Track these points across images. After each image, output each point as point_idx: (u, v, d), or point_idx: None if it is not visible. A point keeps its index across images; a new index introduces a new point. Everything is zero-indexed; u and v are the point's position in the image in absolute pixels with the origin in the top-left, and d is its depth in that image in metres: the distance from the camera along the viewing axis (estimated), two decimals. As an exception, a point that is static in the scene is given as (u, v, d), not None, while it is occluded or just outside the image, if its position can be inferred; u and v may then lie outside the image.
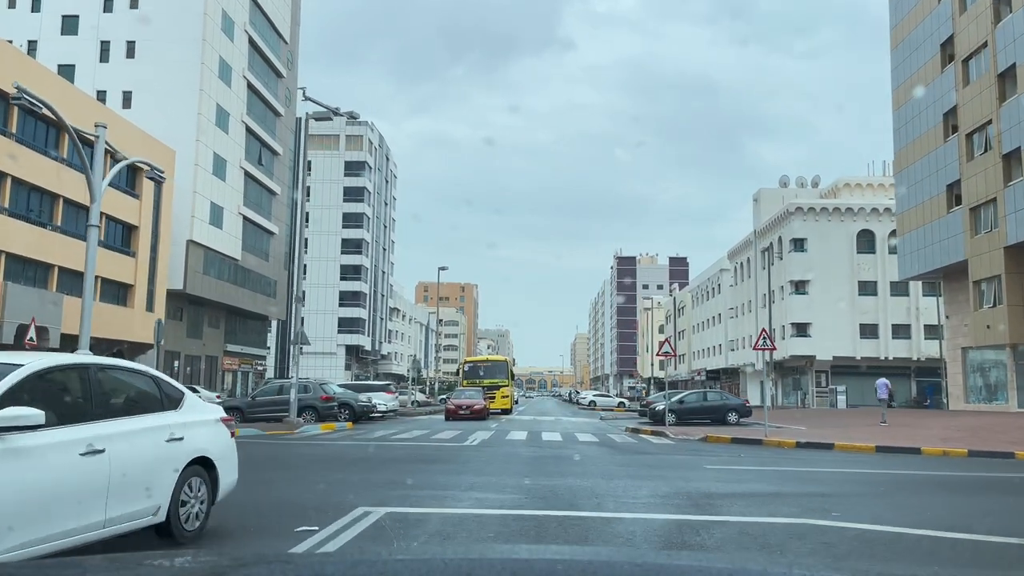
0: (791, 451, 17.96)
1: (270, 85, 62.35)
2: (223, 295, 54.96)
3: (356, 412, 29.08)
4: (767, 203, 67.02)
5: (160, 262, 45.25)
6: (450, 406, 32.04)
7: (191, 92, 49.90)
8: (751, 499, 9.58)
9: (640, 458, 15.20)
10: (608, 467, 12.98)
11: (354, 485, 10.04)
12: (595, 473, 11.79)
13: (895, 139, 42.73)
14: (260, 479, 10.20)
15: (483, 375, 39.76)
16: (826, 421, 30.93)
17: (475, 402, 31.74)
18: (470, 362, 44.34)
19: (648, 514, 8.08)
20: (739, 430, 24.56)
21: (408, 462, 13.42)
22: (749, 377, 71.85)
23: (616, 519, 7.77)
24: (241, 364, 61.84)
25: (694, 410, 30.44)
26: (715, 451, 17.44)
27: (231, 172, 54.85)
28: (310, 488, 9.90)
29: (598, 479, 10.96)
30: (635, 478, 11.08)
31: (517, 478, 10.95)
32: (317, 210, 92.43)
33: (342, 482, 10.50)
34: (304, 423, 23.99)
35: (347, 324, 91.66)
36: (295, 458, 14.82)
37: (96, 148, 21.54)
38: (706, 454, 16.49)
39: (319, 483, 10.38)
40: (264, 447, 16.97)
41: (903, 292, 57.90)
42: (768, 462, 14.77)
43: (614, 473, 11.86)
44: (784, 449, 18.38)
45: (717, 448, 18.38)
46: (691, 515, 7.94)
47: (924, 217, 39.13)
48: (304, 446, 17.53)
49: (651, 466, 13.60)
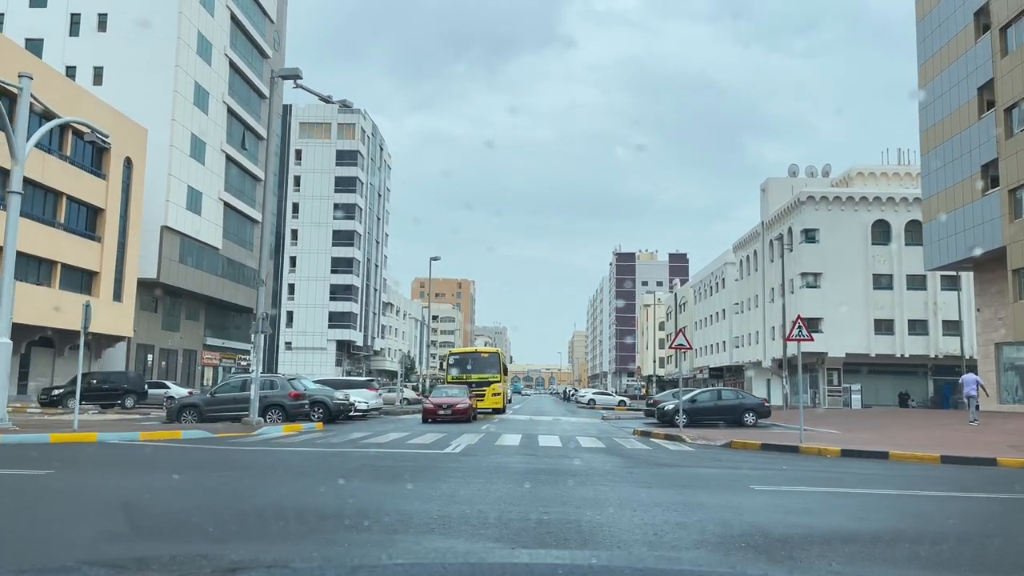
0: (837, 461, 14.94)
1: (255, 65, 59.18)
2: (202, 286, 51.84)
3: (331, 411, 26.03)
4: (775, 193, 63.92)
5: (130, 248, 42.15)
6: (428, 405, 27.49)
7: (167, 68, 46.78)
8: (844, 545, 6.49)
9: (662, 473, 12.13)
10: (625, 488, 9.90)
11: (257, 519, 6.95)
12: (610, 499, 8.71)
13: (921, 119, 39.62)
14: (132, 499, 7.14)
15: (471, 369, 34.98)
16: (854, 423, 27.91)
17: (458, 400, 27.39)
18: (457, 354, 38.51)
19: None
20: (763, 434, 21.53)
21: (365, 478, 10.36)
22: (755, 375, 68.82)
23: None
24: (223, 359, 58.72)
25: (707, 410, 27.46)
26: (748, 461, 14.40)
27: (211, 155, 51.69)
28: (170, 522, 6.81)
29: (615, 509, 7.90)
30: (666, 507, 7.99)
31: (503, 506, 7.88)
32: (307, 200, 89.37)
33: (251, 512, 7.42)
34: (266, 424, 20.93)
35: (338, 319, 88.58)
36: (222, 468, 11.78)
37: (19, 103, 18.42)
38: (740, 465, 13.44)
39: (205, 511, 7.30)
40: (198, 453, 13.93)
41: (920, 286, 54.88)
42: (823, 478, 11.73)
43: (635, 499, 8.78)
44: (828, 459, 15.35)
45: (748, 457, 15.33)
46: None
47: (955, 201, 36.06)
48: (248, 453, 14.48)
49: (680, 485, 10.55)
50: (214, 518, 7.03)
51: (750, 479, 11.36)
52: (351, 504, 8.05)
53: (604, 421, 31.87)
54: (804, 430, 17.88)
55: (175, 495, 8.82)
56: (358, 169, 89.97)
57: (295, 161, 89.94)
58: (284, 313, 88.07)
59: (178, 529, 6.58)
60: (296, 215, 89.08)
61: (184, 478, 10.33)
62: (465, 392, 28.62)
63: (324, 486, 9.57)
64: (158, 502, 8.02)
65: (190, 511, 7.47)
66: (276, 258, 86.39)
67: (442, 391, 29.40)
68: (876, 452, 15.64)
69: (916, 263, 55.15)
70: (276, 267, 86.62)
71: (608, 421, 31.80)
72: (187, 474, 10.81)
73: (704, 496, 9.27)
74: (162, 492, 8.91)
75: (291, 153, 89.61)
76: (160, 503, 7.97)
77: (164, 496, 8.59)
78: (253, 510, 7.53)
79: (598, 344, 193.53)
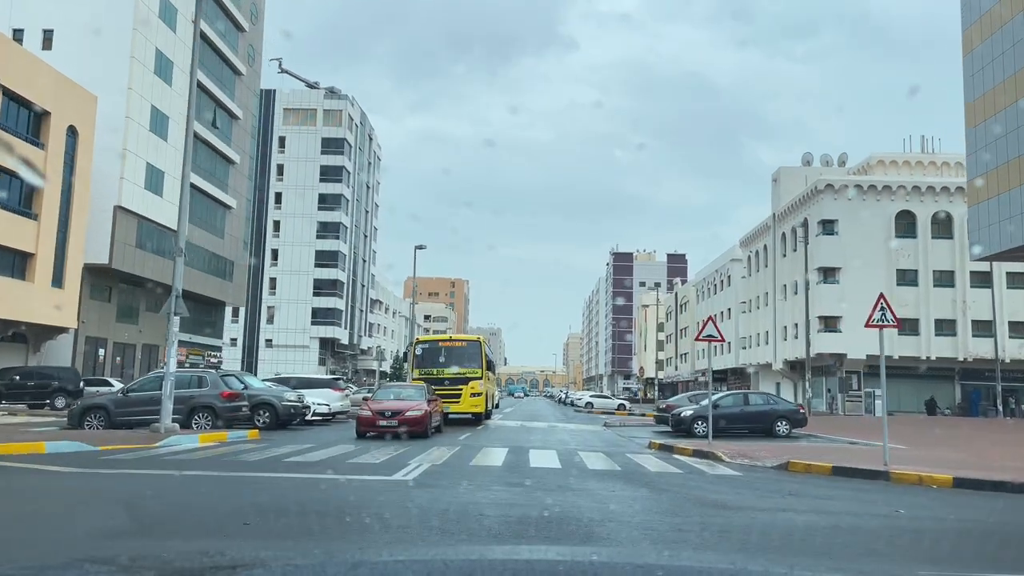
0: (951, 494, 10.45)
1: (228, 37, 54.54)
2: (165, 274, 47.01)
3: (280, 415, 21.48)
4: (788, 183, 59.54)
5: (74, 228, 37.48)
6: (364, 412, 18.67)
7: (123, 32, 42.13)
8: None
9: (729, 524, 7.48)
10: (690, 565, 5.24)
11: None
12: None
13: (966, 89, 35.19)
14: None
15: (444, 362, 26.37)
16: (910, 435, 23.37)
17: (409, 405, 18.51)
18: (425, 343, 28.89)
19: None
20: (814, 450, 17.03)
21: (217, 538, 5.80)
22: (763, 378, 64.42)
23: None
24: (190, 355, 53.97)
25: (732, 418, 22.97)
26: (833, 497, 9.90)
27: (176, 131, 47.03)
28: None
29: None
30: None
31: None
32: (291, 190, 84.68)
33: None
34: (191, 430, 16.34)
35: (322, 315, 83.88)
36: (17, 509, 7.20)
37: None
38: (830, 506, 8.93)
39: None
40: (37, 479, 9.37)
41: (948, 282, 50.54)
42: (1005, 537, 7.21)
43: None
44: (939, 490, 10.84)
45: (825, 488, 10.79)
46: None
47: (1009, 180, 31.63)
48: (108, 479, 9.90)
49: (775, 551, 5.94)
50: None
51: (877, 537, 6.81)
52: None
53: (607, 429, 27.30)
54: (884, 446, 13.36)
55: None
56: (345, 158, 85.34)
57: (278, 149, 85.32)
58: (265, 308, 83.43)
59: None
60: (279, 205, 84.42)
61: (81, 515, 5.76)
62: (423, 393, 19.92)
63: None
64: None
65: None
66: (257, 251, 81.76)
67: (389, 391, 20.82)
68: (1001, 482, 11.11)
69: (943, 258, 50.97)
70: (257, 260, 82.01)
71: (612, 429, 27.23)
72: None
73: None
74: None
75: (274, 140, 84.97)
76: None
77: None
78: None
79: (594, 346, 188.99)
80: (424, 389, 20.53)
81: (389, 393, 20.34)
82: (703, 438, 21.74)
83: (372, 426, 17.96)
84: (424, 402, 18.98)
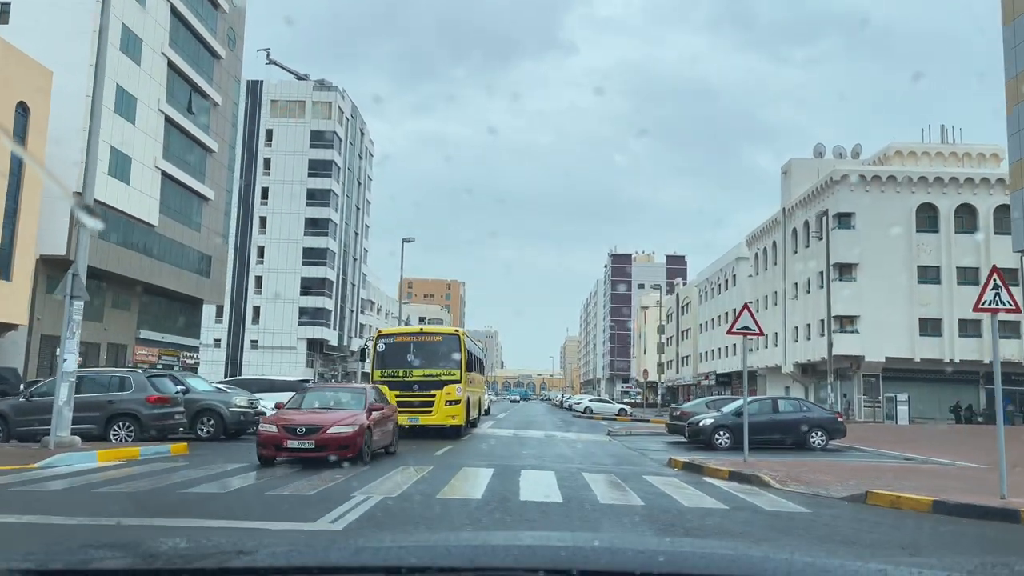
0: None
1: (206, 17, 51.18)
2: (133, 269, 43.68)
3: (227, 423, 18.12)
4: (799, 176, 56.33)
5: (24, 216, 34.11)
6: (266, 429, 12.83)
7: (83, 3, 38.77)
8: None
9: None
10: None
11: None
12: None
13: (1007, 63, 32.02)
14: None
15: (414, 361, 20.78)
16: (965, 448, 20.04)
17: (335, 417, 13.05)
18: (389, 336, 22.35)
19: None
20: (873, 469, 13.71)
21: None
22: (771, 381, 61.17)
23: None
24: (163, 355, 50.55)
25: (760, 427, 19.54)
26: (970, 550, 6.53)
27: (144, 114, 43.65)
28: None
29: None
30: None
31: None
32: (278, 185, 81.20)
33: None
34: (76, 447, 12.94)
35: (310, 315, 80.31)
36: None
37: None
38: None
39: None
40: None
41: (972, 280, 47.08)
42: None
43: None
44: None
45: (950, 538, 7.42)
46: None
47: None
48: None
49: None
50: None
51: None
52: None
53: (612, 439, 23.93)
54: (1001, 471, 10.00)
55: None
56: (334, 152, 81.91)
57: (265, 142, 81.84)
58: (250, 308, 79.94)
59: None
60: (265, 201, 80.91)
61: None
62: (360, 400, 14.12)
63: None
64: None
65: None
66: (242, 247, 78.42)
67: (310, 397, 14.75)
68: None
69: (968, 254, 47.77)
70: (242, 257, 78.68)
71: (618, 439, 23.85)
72: None
73: None
74: None
75: (261, 133, 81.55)
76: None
77: None
78: None
79: (591, 349, 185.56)
80: (367, 393, 14.68)
81: (313, 399, 14.57)
82: (726, 451, 18.46)
83: (277, 448, 12.48)
84: (362, 412, 13.38)
